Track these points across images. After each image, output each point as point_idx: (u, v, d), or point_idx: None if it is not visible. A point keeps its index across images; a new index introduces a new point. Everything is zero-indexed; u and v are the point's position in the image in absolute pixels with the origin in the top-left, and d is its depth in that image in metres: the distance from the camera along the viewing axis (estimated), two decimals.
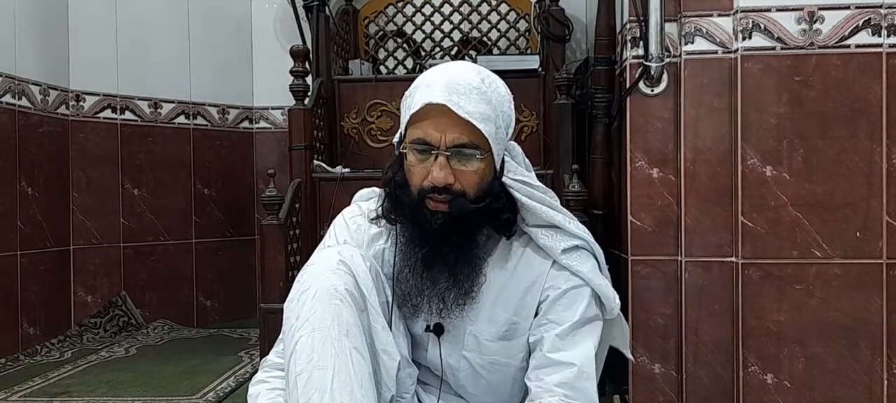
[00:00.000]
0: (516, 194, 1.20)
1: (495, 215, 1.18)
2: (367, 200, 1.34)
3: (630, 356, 1.39)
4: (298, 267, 2.45)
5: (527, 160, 1.29)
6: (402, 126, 1.19)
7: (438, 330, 1.23)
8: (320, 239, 2.63)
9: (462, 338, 1.24)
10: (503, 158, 1.20)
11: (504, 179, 1.19)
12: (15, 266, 2.84)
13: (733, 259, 1.91)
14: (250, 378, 2.44)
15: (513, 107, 1.20)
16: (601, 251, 1.28)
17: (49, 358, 2.80)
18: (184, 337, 3.21)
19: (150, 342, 3.08)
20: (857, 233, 1.85)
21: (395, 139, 1.24)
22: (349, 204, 1.38)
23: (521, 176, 1.21)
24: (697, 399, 1.96)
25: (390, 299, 1.22)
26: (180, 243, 3.48)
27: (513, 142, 1.25)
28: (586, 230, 1.26)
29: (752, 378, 1.89)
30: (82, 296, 3.21)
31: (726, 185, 1.92)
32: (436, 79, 1.14)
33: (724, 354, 1.93)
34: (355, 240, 1.28)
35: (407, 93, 1.20)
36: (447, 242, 1.16)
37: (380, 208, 1.24)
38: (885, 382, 1.86)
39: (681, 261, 1.95)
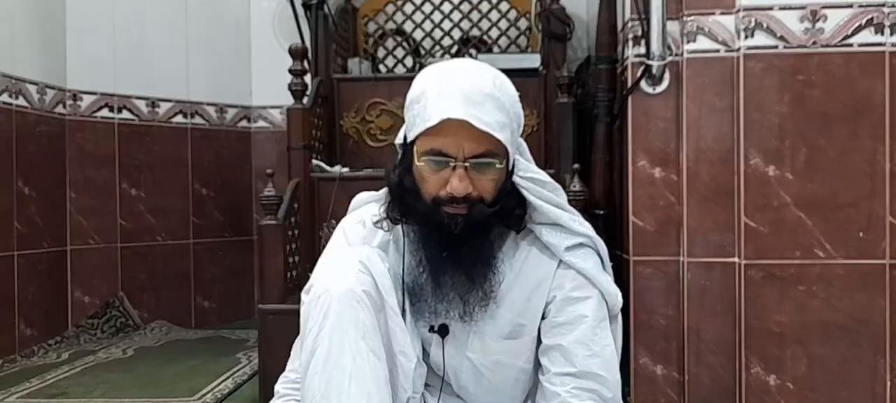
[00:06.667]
0: (526, 194, 1.20)
1: (508, 213, 1.19)
2: (365, 205, 1.33)
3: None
4: (297, 267, 2.45)
5: (528, 153, 1.29)
6: (410, 133, 1.18)
7: (443, 331, 1.22)
8: (319, 240, 2.62)
9: (466, 339, 1.23)
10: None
11: (514, 178, 1.20)
12: (12, 266, 2.82)
13: (735, 259, 1.90)
14: (249, 380, 2.45)
15: (519, 103, 1.20)
16: (605, 248, 1.28)
17: (46, 359, 2.79)
18: (182, 339, 3.19)
19: (147, 343, 3.06)
20: (860, 234, 1.84)
21: (397, 140, 1.23)
22: (348, 204, 1.37)
23: (530, 173, 1.22)
24: (699, 400, 1.95)
25: (402, 299, 1.21)
26: (178, 243, 3.47)
27: (520, 138, 1.25)
28: (590, 227, 1.26)
29: (755, 380, 1.88)
30: (80, 297, 3.19)
31: (728, 185, 1.91)
32: (447, 87, 1.13)
33: (726, 355, 1.92)
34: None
35: (411, 97, 1.17)
36: (465, 244, 1.15)
37: (385, 210, 1.23)
38: (888, 383, 1.85)
39: (682, 262, 1.94)
